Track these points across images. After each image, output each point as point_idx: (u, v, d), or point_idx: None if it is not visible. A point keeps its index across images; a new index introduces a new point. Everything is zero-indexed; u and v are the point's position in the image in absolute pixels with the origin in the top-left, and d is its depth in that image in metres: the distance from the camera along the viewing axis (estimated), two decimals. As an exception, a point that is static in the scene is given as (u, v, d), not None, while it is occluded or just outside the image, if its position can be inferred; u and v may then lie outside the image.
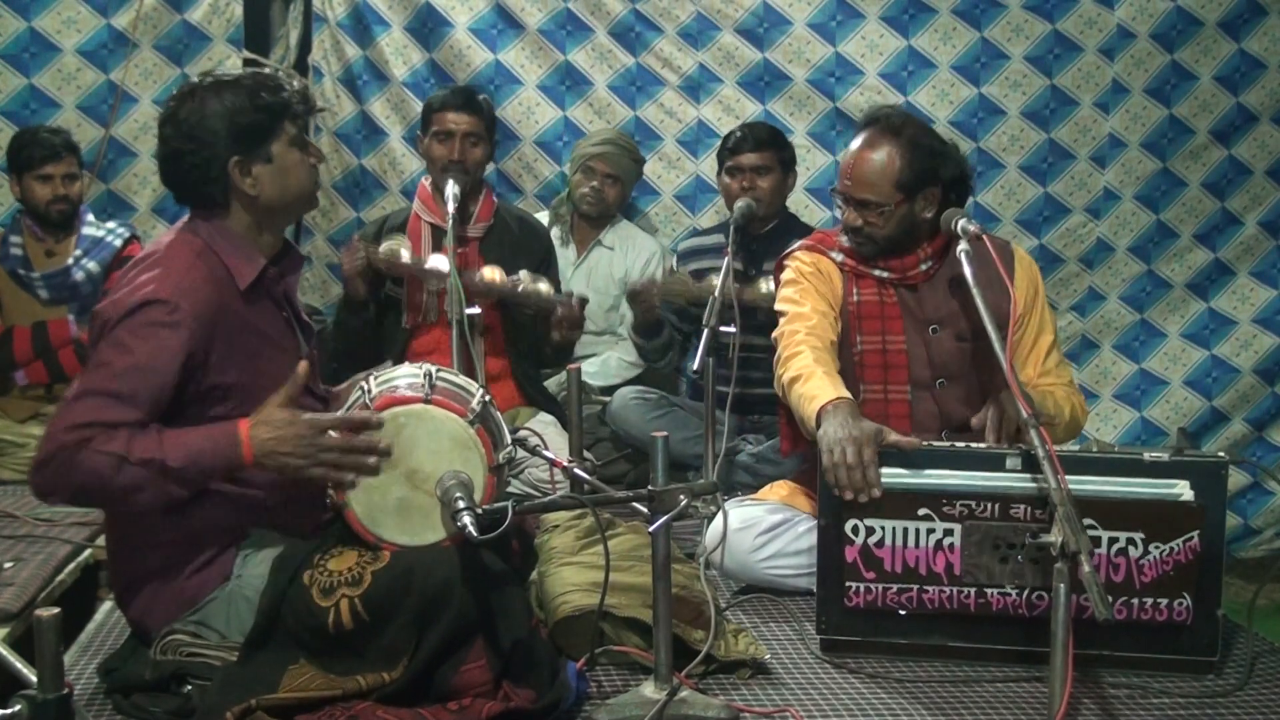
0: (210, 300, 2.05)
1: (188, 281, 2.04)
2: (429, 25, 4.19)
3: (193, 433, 2.00)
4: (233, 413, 2.06)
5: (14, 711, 1.48)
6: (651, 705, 2.03)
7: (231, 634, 2.09)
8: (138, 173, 4.18)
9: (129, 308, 2.00)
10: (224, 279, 2.11)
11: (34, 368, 3.73)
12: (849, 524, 2.31)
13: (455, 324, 3.12)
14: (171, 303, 2.00)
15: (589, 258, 4.07)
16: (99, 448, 1.93)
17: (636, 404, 3.65)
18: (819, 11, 4.18)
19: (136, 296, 2.01)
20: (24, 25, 4.05)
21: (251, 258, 2.15)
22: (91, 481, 1.94)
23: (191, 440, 1.98)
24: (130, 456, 1.93)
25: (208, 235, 2.14)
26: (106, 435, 1.94)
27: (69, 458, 1.93)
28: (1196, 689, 2.23)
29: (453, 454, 2.01)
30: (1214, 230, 4.29)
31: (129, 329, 1.99)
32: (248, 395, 2.08)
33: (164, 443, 1.96)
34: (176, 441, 1.97)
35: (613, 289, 4.05)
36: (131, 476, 1.94)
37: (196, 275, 2.07)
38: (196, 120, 2.08)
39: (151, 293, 2.01)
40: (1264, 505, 4.26)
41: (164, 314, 1.99)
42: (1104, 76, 4.16)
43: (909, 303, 2.72)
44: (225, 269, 2.12)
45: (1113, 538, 2.24)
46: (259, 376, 2.10)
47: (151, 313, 2.00)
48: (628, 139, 4.06)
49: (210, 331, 2.04)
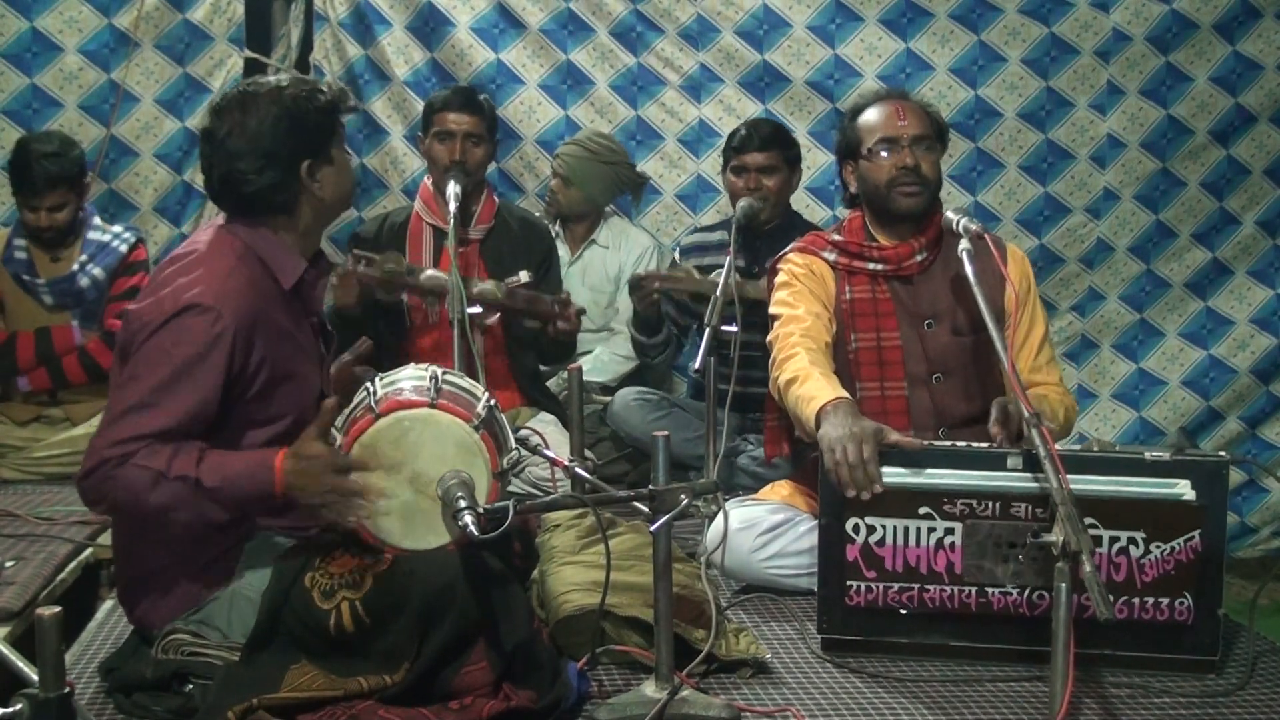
0: (251, 305, 2.04)
1: (231, 286, 2.03)
2: (430, 24, 4.20)
3: (233, 456, 2.00)
4: (261, 411, 2.07)
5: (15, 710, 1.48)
6: (652, 704, 2.03)
7: (233, 634, 2.09)
8: (139, 172, 4.17)
9: (170, 313, 1.99)
10: (263, 282, 2.11)
11: (37, 374, 3.70)
12: (850, 523, 2.31)
13: (456, 324, 3.12)
14: (215, 309, 1.99)
15: (583, 256, 4.07)
16: (140, 462, 1.93)
17: (637, 405, 3.65)
18: (818, 14, 4.20)
19: (179, 302, 1.99)
20: (26, 25, 4.05)
21: (294, 259, 2.16)
22: (128, 497, 1.95)
23: (229, 463, 1.98)
24: (169, 473, 1.93)
25: (248, 238, 2.13)
26: (149, 451, 1.94)
27: (110, 472, 1.94)
28: (1197, 688, 2.23)
29: (457, 458, 2.00)
30: (1212, 230, 4.30)
31: (170, 336, 1.98)
32: (275, 395, 2.09)
33: (203, 462, 1.95)
34: (215, 462, 1.97)
35: (608, 286, 4.04)
36: (167, 493, 1.94)
37: (239, 280, 2.06)
38: (264, 129, 2.07)
39: (194, 297, 1.99)
40: (1260, 503, 4.27)
41: (207, 322, 1.98)
42: (1099, 78, 4.19)
43: (903, 297, 2.72)
44: (266, 271, 2.12)
45: (1114, 537, 2.24)
46: (288, 381, 2.10)
47: (193, 319, 1.98)
48: (602, 142, 3.98)
49: (249, 336, 2.03)
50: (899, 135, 2.67)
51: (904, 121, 2.69)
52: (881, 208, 2.72)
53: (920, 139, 2.69)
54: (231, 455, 2.01)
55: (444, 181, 3.39)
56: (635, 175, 4.07)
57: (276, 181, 2.09)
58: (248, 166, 2.08)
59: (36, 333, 3.70)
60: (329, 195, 2.16)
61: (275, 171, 2.09)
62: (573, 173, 3.94)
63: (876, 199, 2.72)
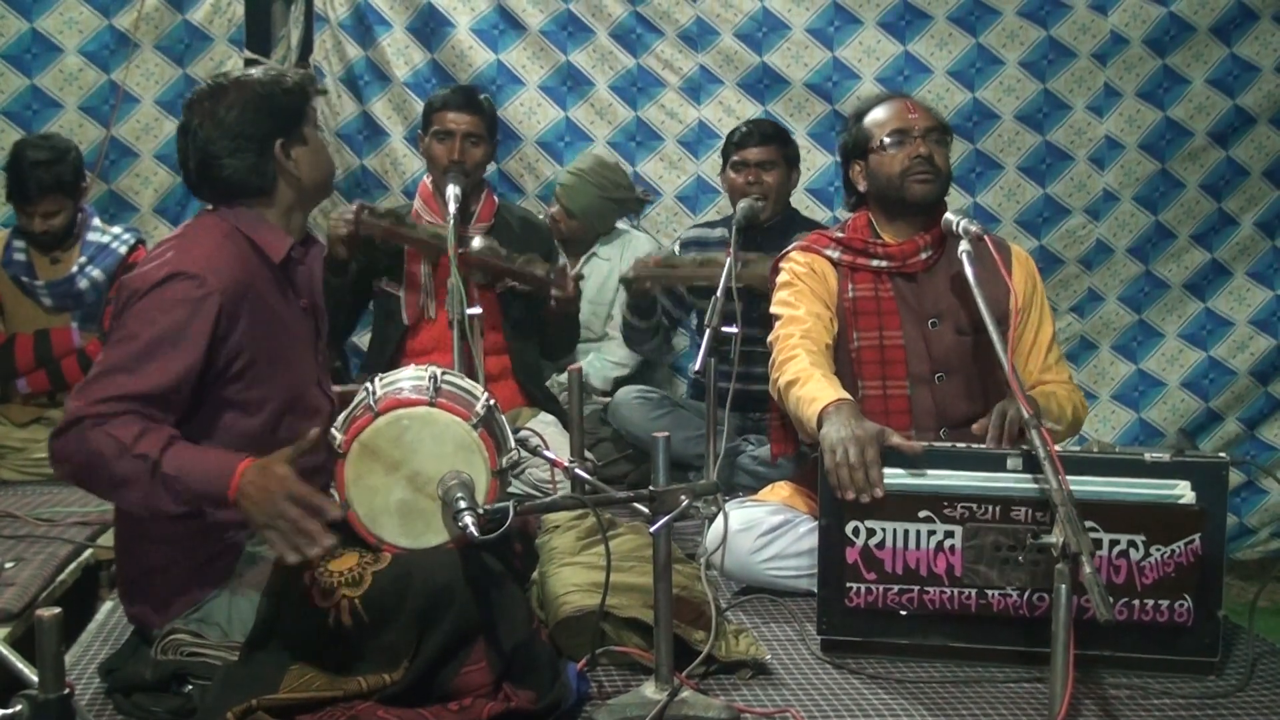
0: (237, 277, 2.06)
1: (218, 258, 2.06)
2: (431, 25, 4.20)
3: (197, 450, 1.97)
4: (242, 393, 2.08)
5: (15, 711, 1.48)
6: (652, 706, 2.03)
7: (233, 633, 2.09)
8: (139, 173, 4.18)
9: (155, 280, 2.01)
10: (251, 259, 2.13)
11: (36, 376, 3.69)
12: (850, 525, 2.31)
13: (456, 324, 3.12)
14: (199, 276, 2.01)
15: (584, 268, 4.07)
16: (110, 430, 1.91)
17: (639, 403, 3.65)
18: (817, 17, 4.21)
19: (164, 270, 2.01)
20: (26, 26, 4.06)
21: (280, 235, 2.18)
22: (92, 460, 1.93)
23: (192, 455, 1.95)
24: (131, 448, 1.91)
25: (234, 219, 2.16)
26: (123, 421, 1.92)
27: (82, 433, 1.92)
28: (1197, 690, 2.23)
29: (456, 457, 2.00)
30: (1211, 231, 4.31)
31: (155, 301, 1.99)
32: (258, 377, 2.09)
33: (169, 449, 1.93)
34: (179, 450, 1.94)
35: (606, 297, 4.04)
36: (125, 468, 1.92)
37: (226, 253, 2.09)
38: (235, 114, 2.11)
39: (180, 266, 2.02)
40: (1258, 504, 4.28)
41: (192, 287, 2.00)
42: (1096, 81, 4.20)
43: (907, 295, 2.72)
44: (254, 248, 2.14)
45: (1114, 540, 2.24)
46: (272, 358, 2.11)
47: (178, 285, 2.00)
48: (605, 175, 3.95)
49: (235, 308, 2.05)
50: (910, 127, 2.69)
51: (914, 114, 2.71)
52: (895, 199, 2.71)
53: (931, 130, 2.70)
54: (200, 450, 1.98)
55: (443, 182, 3.39)
56: (638, 201, 4.07)
57: (252, 163, 2.12)
58: (221, 150, 2.11)
59: (36, 335, 3.69)
60: (305, 175, 2.19)
61: (249, 153, 2.12)
62: (574, 205, 3.96)
63: (890, 191, 2.71)
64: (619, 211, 4.04)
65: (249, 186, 2.15)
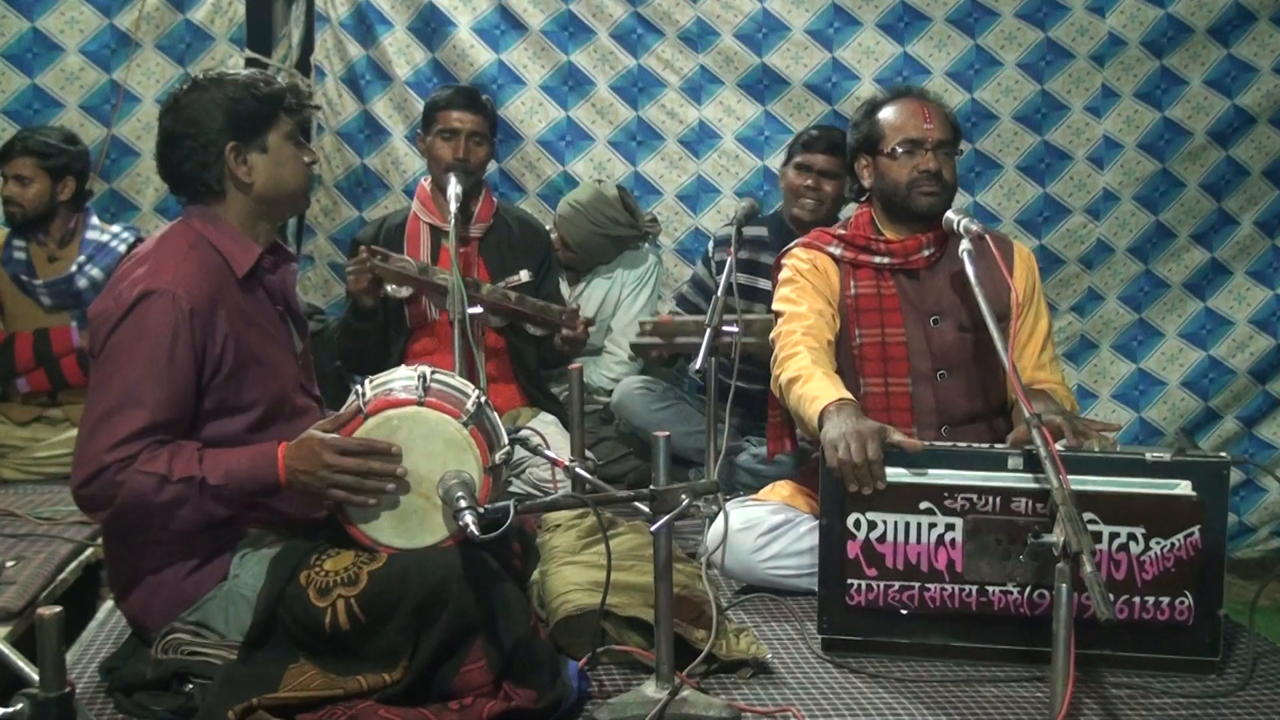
0: (205, 290, 2.06)
1: (182, 271, 2.06)
2: (432, 25, 4.20)
3: (232, 452, 2.02)
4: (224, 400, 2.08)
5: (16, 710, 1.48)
6: (653, 704, 2.03)
7: (231, 633, 2.09)
8: (140, 172, 4.18)
9: (128, 304, 2.01)
10: (219, 268, 2.12)
11: (35, 375, 3.69)
12: (851, 518, 2.31)
13: (457, 324, 3.12)
14: (170, 292, 2.02)
15: (587, 286, 4.06)
16: (141, 468, 1.95)
17: (641, 394, 3.66)
18: (817, 18, 4.22)
19: (134, 290, 2.02)
20: (27, 25, 4.06)
21: (247, 246, 2.17)
22: (133, 501, 1.96)
23: (230, 459, 2.00)
24: (171, 475, 1.95)
25: (202, 226, 2.15)
26: (149, 454, 1.96)
27: (113, 478, 1.95)
28: (1198, 689, 2.23)
29: (447, 456, 2.01)
30: (1211, 230, 4.31)
31: (133, 328, 2.00)
32: (239, 384, 2.09)
33: (204, 461, 1.98)
34: (215, 460, 1.99)
35: (606, 313, 4.04)
36: (172, 494, 1.96)
37: (191, 264, 2.08)
38: (196, 107, 2.12)
39: (148, 284, 2.02)
40: (1258, 502, 4.27)
41: (165, 304, 2.01)
42: (1094, 82, 4.21)
43: (909, 292, 2.72)
44: (221, 258, 2.13)
45: (1114, 532, 2.25)
46: (251, 364, 2.11)
47: (150, 305, 2.01)
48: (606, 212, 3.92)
49: (209, 317, 2.05)
50: (924, 138, 2.68)
51: (929, 125, 2.69)
52: (900, 206, 2.72)
53: (943, 144, 2.69)
54: (231, 451, 2.02)
55: (445, 180, 3.38)
56: (638, 236, 4.05)
57: (203, 160, 2.13)
58: (180, 144, 2.13)
59: (35, 334, 3.69)
60: (259, 184, 2.16)
61: (199, 149, 2.12)
62: (570, 237, 3.96)
63: (895, 197, 2.71)
64: (616, 246, 4.03)
65: (197, 182, 2.15)
